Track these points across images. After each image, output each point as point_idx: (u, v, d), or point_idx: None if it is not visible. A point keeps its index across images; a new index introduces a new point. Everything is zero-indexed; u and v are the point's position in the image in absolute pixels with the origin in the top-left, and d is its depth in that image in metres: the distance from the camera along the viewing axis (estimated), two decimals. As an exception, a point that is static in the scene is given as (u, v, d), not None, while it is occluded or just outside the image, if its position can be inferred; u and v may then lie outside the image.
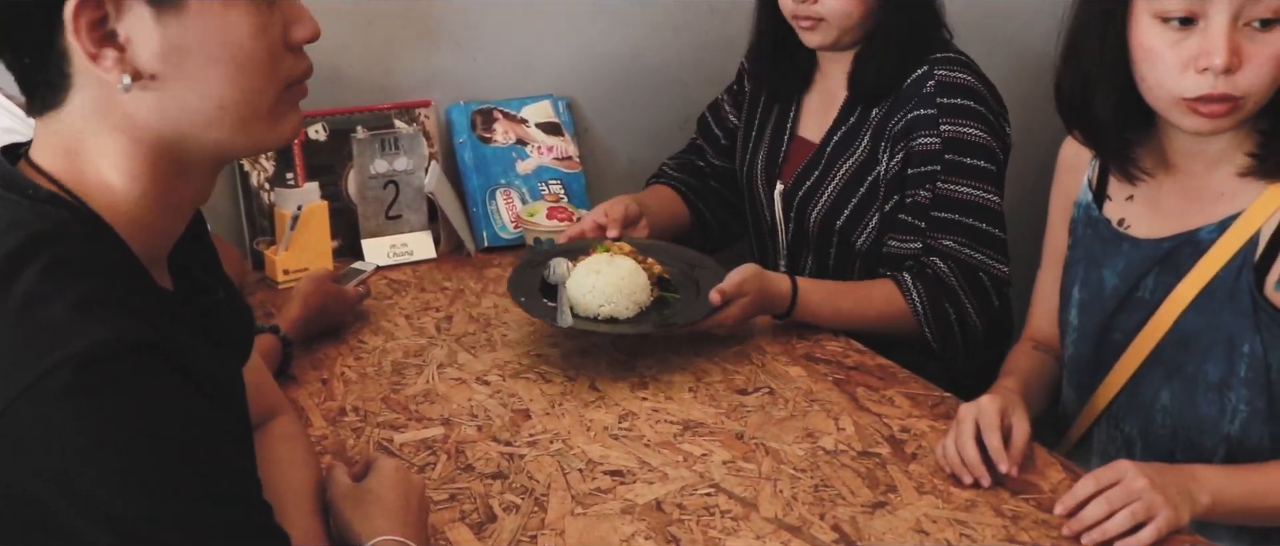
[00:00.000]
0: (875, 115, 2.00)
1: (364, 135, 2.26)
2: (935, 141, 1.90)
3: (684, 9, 2.56)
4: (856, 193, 2.01)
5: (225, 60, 0.97)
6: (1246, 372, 1.46)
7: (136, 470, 0.86)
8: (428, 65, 2.39)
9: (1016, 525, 1.35)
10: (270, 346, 1.69)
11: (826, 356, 1.78)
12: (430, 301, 2.03)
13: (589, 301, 1.74)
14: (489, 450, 1.52)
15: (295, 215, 2.09)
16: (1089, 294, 1.60)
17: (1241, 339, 1.45)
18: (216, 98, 0.98)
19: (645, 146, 2.58)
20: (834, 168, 2.04)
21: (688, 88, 2.53)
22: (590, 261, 1.79)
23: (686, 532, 1.33)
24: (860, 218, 2.01)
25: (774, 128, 2.17)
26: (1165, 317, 1.50)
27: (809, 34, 1.97)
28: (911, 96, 1.93)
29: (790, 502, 1.39)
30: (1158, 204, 1.54)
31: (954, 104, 1.91)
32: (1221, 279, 1.46)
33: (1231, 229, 1.45)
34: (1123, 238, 1.56)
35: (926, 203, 1.90)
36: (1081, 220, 1.63)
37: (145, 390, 0.88)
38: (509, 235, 2.30)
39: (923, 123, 1.91)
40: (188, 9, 0.94)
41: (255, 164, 2.24)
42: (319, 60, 1.11)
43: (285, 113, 1.04)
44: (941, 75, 1.92)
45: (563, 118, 2.45)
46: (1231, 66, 1.35)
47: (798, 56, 2.10)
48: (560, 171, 2.40)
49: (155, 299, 0.99)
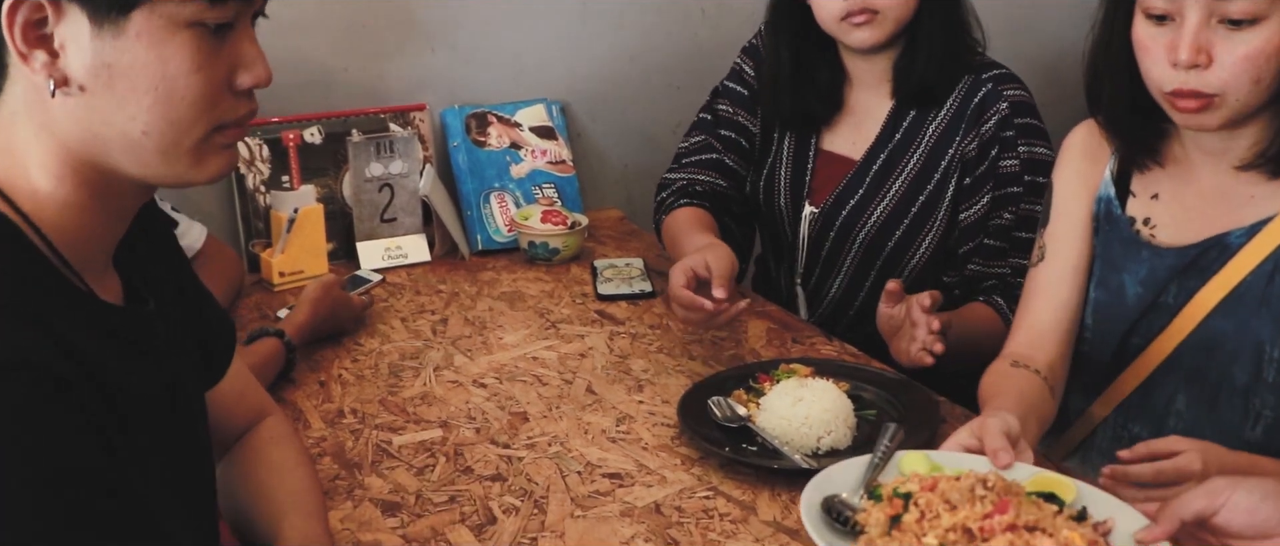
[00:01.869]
0: (931, 131, 1.97)
1: (359, 139, 2.26)
2: (1015, 164, 1.90)
3: (676, 13, 2.57)
4: (909, 211, 1.97)
5: (154, 90, 0.95)
6: (1275, 377, 1.45)
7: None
8: (422, 69, 2.40)
9: (1011, 528, 1.36)
10: (273, 350, 1.70)
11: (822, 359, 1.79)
12: (426, 304, 2.04)
13: (805, 436, 1.50)
14: (487, 452, 1.53)
15: (291, 218, 2.10)
16: (1108, 296, 1.58)
17: (1271, 344, 1.44)
18: (140, 124, 0.95)
19: (638, 150, 2.59)
20: (883, 186, 1.99)
21: (681, 91, 2.54)
22: (783, 388, 1.57)
23: (686, 535, 1.34)
24: (913, 237, 1.97)
25: (796, 146, 2.10)
26: (1187, 322, 1.50)
27: (861, 31, 1.90)
28: (980, 117, 1.92)
29: (789, 506, 1.40)
30: (1184, 203, 1.53)
31: (1027, 124, 1.91)
32: (1251, 283, 1.45)
33: (1263, 232, 1.45)
34: (1144, 244, 1.54)
35: (1010, 224, 1.91)
36: (1102, 216, 1.60)
37: (8, 412, 0.86)
38: (503, 238, 2.31)
39: (1002, 145, 1.91)
40: (126, 31, 0.93)
41: (250, 167, 2.25)
42: (316, 64, 1.11)
43: (211, 154, 1.01)
44: (1011, 95, 1.92)
45: (556, 121, 2.46)
46: (1198, 63, 1.37)
47: (819, 78, 2.03)
48: (554, 175, 2.41)
49: (74, 306, 0.97)
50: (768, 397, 1.56)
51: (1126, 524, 1.19)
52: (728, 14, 2.55)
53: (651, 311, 1.98)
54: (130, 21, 0.93)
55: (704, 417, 1.55)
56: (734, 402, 1.58)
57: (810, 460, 1.45)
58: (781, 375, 1.64)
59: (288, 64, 2.31)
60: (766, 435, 1.50)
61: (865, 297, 2.04)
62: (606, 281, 2.09)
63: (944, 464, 1.29)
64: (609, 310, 2.00)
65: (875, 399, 1.62)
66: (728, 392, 1.61)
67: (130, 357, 1.02)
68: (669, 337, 1.87)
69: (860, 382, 1.64)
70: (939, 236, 1.97)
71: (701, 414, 1.56)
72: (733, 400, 1.59)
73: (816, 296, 2.11)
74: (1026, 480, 1.26)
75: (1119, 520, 1.20)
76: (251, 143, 2.25)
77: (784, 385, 1.57)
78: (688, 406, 1.58)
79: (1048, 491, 1.24)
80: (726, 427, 1.53)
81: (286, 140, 2.27)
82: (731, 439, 1.51)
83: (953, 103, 1.96)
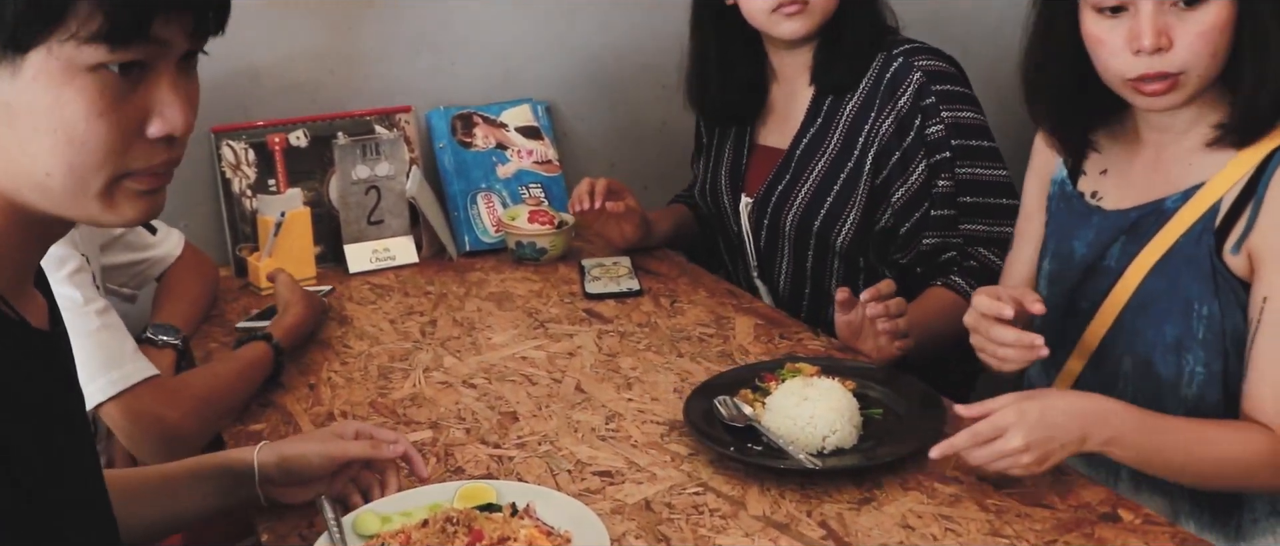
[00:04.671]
0: (847, 111, 2.02)
1: (345, 141, 2.26)
2: (941, 129, 1.95)
3: (662, 13, 2.57)
4: (831, 190, 2.03)
5: (53, 133, 0.89)
6: (1203, 334, 1.50)
7: None
8: (407, 71, 2.40)
9: (1001, 519, 1.37)
10: (262, 356, 1.70)
11: (808, 356, 1.80)
12: (414, 305, 2.04)
13: (810, 434, 1.49)
14: (478, 452, 1.53)
15: (278, 222, 2.10)
16: (1058, 266, 1.66)
17: (1199, 301, 1.50)
18: (43, 166, 0.90)
19: (625, 149, 2.60)
20: (805, 170, 2.05)
21: (667, 91, 2.54)
22: (788, 388, 1.56)
23: (676, 531, 1.35)
24: (837, 215, 2.02)
25: (733, 142, 2.19)
26: (1128, 284, 1.56)
27: (790, 22, 1.96)
28: (894, 92, 1.97)
29: (778, 500, 1.41)
30: (1129, 177, 1.60)
31: (947, 90, 1.96)
32: (1182, 244, 1.51)
33: (1195, 197, 1.51)
34: (1093, 210, 1.62)
35: (950, 190, 1.95)
36: (1056, 196, 1.68)
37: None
38: (490, 239, 2.31)
39: (924, 114, 1.95)
40: (22, 71, 0.88)
41: (237, 171, 2.25)
42: (300, 67, 1.09)
43: (123, 199, 0.94)
44: (925, 65, 1.97)
45: (542, 121, 2.47)
46: (1161, 46, 1.43)
47: (743, 74, 2.11)
48: (540, 175, 2.42)
49: (4, 333, 0.94)
50: (773, 397, 1.56)
51: (544, 504, 1.34)
52: (712, 12, 2.56)
53: (640, 310, 1.98)
54: (27, 62, 0.87)
55: (711, 418, 1.55)
56: (740, 402, 1.58)
57: (815, 459, 1.45)
58: (787, 374, 1.64)
59: (272, 68, 2.31)
60: (772, 435, 1.50)
61: (812, 280, 2.10)
62: (594, 280, 2.09)
63: (390, 511, 1.34)
64: (597, 309, 2.00)
65: (882, 397, 1.62)
66: (734, 392, 1.61)
67: (57, 381, 1.00)
68: (657, 335, 1.88)
69: (867, 381, 1.64)
70: (861, 211, 2.00)
71: (708, 413, 1.56)
72: (739, 400, 1.59)
73: (773, 286, 2.16)
74: (455, 498, 1.36)
75: (536, 501, 1.34)
76: (237, 147, 2.25)
77: (789, 384, 1.56)
78: (693, 407, 1.58)
79: (482, 503, 1.34)
80: (732, 427, 1.53)
81: (272, 144, 2.27)
82: (737, 439, 1.51)
83: (866, 82, 2.01)
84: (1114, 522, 1.36)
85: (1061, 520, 1.36)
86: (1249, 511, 1.55)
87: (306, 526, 1.36)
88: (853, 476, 1.44)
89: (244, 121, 2.28)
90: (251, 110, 2.30)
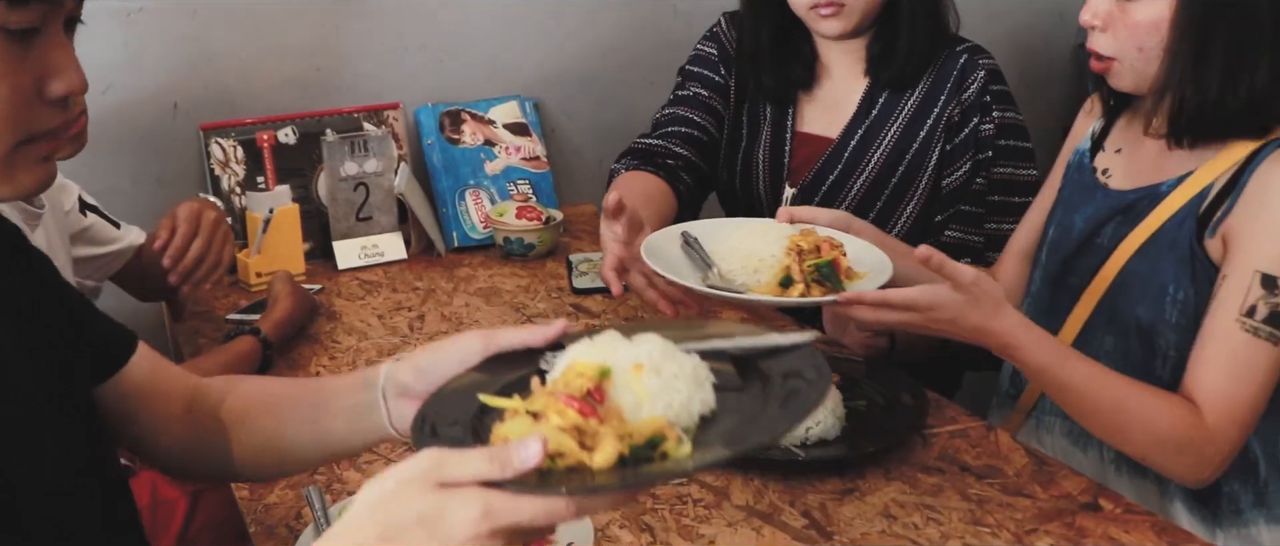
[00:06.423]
0: (908, 105, 2.02)
1: (333, 138, 2.27)
2: (991, 128, 1.98)
3: (649, 8, 2.59)
4: (888, 184, 2.02)
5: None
6: (1177, 318, 1.53)
7: None
8: (395, 68, 2.41)
9: (981, 508, 1.38)
10: (250, 349, 1.71)
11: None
12: (402, 301, 2.05)
13: None
14: (465, 445, 1.54)
15: (267, 219, 2.11)
16: (1060, 235, 1.70)
17: (1175, 285, 1.52)
18: None
19: (612, 145, 2.59)
20: (860, 162, 2.03)
21: (654, 87, 2.55)
22: None
23: (660, 521, 1.36)
24: (893, 209, 2.02)
25: (773, 126, 2.12)
26: (1115, 264, 1.59)
27: (828, 21, 1.95)
28: (962, 83, 1.99)
29: (761, 490, 1.42)
30: (1137, 159, 1.63)
31: (1001, 91, 2.00)
32: (1166, 228, 1.54)
33: (1184, 183, 1.54)
34: (1099, 187, 1.66)
35: (984, 188, 1.98)
36: (1074, 165, 1.73)
37: None
38: (479, 235, 2.32)
39: (982, 110, 1.98)
40: None
41: (225, 168, 2.25)
42: (289, 64, 1.08)
43: (22, 166, 0.93)
44: (985, 63, 2.00)
45: (530, 118, 2.48)
46: None
47: (802, 51, 2.07)
48: (528, 171, 2.43)
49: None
50: None
51: None
52: (701, 9, 2.56)
53: (627, 304, 1.99)
54: None
55: None
56: None
57: (798, 449, 1.46)
58: None
59: (261, 65, 2.32)
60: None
61: None
62: (582, 275, 2.10)
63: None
64: (585, 304, 2.01)
65: (865, 388, 1.63)
66: None
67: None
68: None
69: (850, 372, 1.66)
70: (921, 205, 2.02)
71: None
72: None
73: None
74: None
75: None
76: (226, 144, 2.26)
77: None
78: None
79: None
80: None
81: (260, 141, 2.27)
82: None
83: (927, 78, 2.02)
84: (1095, 512, 1.37)
85: (1043, 509, 1.38)
86: (1230, 501, 1.56)
87: (294, 519, 1.37)
88: (836, 466, 1.46)
89: (232, 119, 2.28)
90: (240, 107, 2.31)
